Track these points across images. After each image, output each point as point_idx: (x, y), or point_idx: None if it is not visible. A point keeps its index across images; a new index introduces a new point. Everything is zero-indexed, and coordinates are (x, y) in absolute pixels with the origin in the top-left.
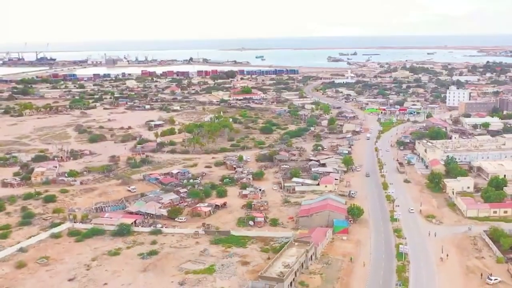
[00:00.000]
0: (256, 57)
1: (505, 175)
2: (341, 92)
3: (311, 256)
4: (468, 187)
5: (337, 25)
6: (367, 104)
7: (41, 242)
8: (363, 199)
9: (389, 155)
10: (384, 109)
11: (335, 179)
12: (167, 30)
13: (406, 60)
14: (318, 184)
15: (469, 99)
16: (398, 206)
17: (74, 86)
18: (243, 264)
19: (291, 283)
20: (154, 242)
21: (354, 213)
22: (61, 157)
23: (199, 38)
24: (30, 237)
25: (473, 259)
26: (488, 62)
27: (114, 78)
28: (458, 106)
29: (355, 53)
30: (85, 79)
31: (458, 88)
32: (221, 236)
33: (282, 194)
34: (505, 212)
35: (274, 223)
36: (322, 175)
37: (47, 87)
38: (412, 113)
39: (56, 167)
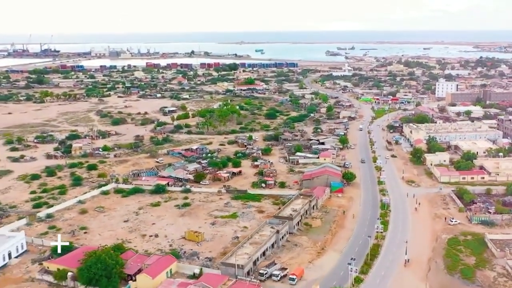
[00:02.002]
0: (256, 51)
1: (477, 152)
2: (339, 84)
3: (313, 206)
4: (445, 160)
5: (335, 20)
6: (362, 94)
7: (94, 197)
8: (355, 168)
9: (380, 136)
10: (377, 99)
11: (332, 153)
12: (165, 23)
13: (402, 55)
14: (318, 158)
15: (456, 91)
16: (384, 171)
17: (85, 76)
18: (259, 212)
19: (298, 222)
20: (186, 198)
21: (348, 177)
22: (91, 136)
23: (197, 31)
24: (85, 193)
25: (441, 209)
26: (481, 57)
27: (121, 70)
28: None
29: (352, 48)
30: (92, 70)
31: (447, 81)
32: (239, 194)
33: (288, 165)
34: (472, 178)
35: (282, 185)
36: (322, 150)
37: (58, 77)
38: (403, 103)
39: (89, 143)
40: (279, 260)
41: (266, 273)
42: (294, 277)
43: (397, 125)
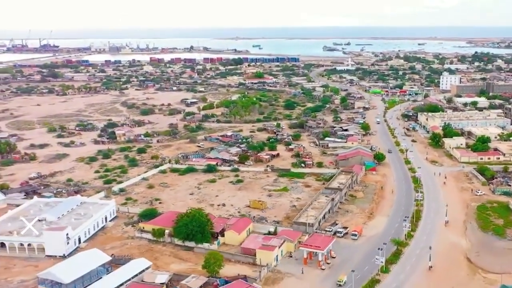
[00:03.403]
0: (253, 46)
1: (489, 137)
2: (344, 77)
3: (354, 181)
4: (461, 144)
5: (329, 16)
6: (369, 87)
7: (154, 175)
8: (382, 152)
9: (396, 124)
10: (387, 91)
11: (358, 138)
12: (159, 19)
13: (399, 50)
14: (346, 142)
15: (460, 83)
16: (412, 151)
17: (95, 70)
18: (306, 186)
19: (345, 193)
20: (236, 176)
21: (379, 158)
22: (128, 124)
23: (192, 27)
24: (145, 172)
25: (466, 183)
26: (476, 52)
27: (127, 64)
28: (450, 89)
29: (348, 43)
30: (99, 65)
31: (450, 74)
32: (283, 172)
33: (319, 148)
34: (489, 158)
35: (320, 165)
36: (347, 136)
37: (69, 71)
38: (411, 94)
39: (130, 131)
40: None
41: (331, 231)
42: (356, 233)
43: (411, 114)
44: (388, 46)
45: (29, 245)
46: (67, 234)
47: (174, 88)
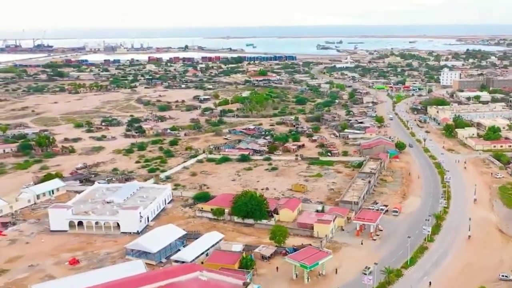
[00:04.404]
0: (247, 45)
1: (499, 127)
2: (346, 74)
3: (383, 167)
4: (473, 134)
5: (318, 14)
6: (372, 84)
7: (193, 164)
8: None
9: (407, 117)
10: (391, 87)
11: (375, 130)
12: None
13: (392, 48)
14: (365, 133)
15: (460, 79)
16: (431, 140)
17: (98, 70)
18: (338, 172)
19: (377, 177)
20: (270, 164)
21: (400, 146)
22: (152, 119)
23: (182, 26)
24: (184, 161)
25: (484, 168)
26: (468, 50)
27: (128, 63)
28: (451, 84)
29: (340, 42)
30: (100, 64)
31: (450, 70)
32: (313, 160)
33: (340, 139)
34: (501, 146)
35: (345, 154)
36: (366, 128)
37: (73, 71)
38: (414, 90)
39: (156, 125)
40: None
41: (373, 208)
42: (397, 210)
43: (419, 108)
44: (379, 44)
45: (105, 223)
46: (140, 213)
47: (183, 86)
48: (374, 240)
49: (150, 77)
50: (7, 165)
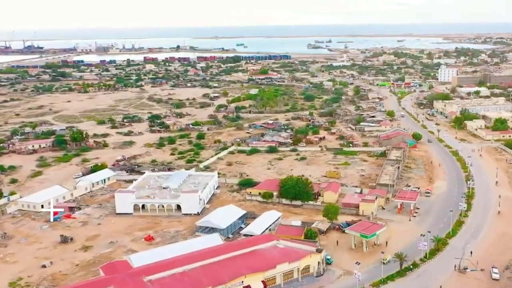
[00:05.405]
0: (237, 45)
1: (505, 118)
2: (345, 72)
3: (405, 155)
4: (481, 125)
5: (300, 13)
6: (372, 81)
7: (225, 156)
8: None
9: (414, 111)
10: (393, 83)
11: (389, 123)
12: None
13: (382, 47)
14: (380, 126)
15: (457, 75)
16: (446, 131)
17: (98, 70)
18: (363, 161)
19: (401, 163)
20: (298, 154)
21: (417, 137)
22: (171, 115)
23: (168, 26)
24: (217, 153)
25: (497, 155)
26: (456, 48)
27: (126, 64)
28: (449, 80)
29: (330, 41)
30: (97, 64)
31: (448, 67)
32: (338, 151)
33: (356, 132)
34: (509, 136)
35: (365, 144)
36: (380, 121)
37: (73, 71)
38: (415, 86)
39: (179, 121)
40: None
41: (408, 190)
42: (429, 191)
43: (424, 102)
44: (368, 43)
45: (167, 206)
46: (199, 196)
47: (188, 84)
48: (414, 216)
49: (154, 76)
50: (48, 159)
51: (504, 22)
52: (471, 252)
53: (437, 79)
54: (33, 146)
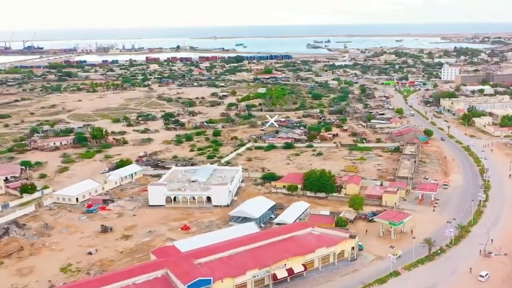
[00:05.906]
0: (237, 45)
1: (511, 115)
2: (348, 71)
3: (419, 149)
4: (489, 122)
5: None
6: (377, 80)
7: (244, 152)
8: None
9: (421, 108)
10: (398, 82)
11: (399, 120)
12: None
13: (381, 47)
14: (390, 123)
15: (459, 74)
16: (456, 127)
17: (103, 70)
18: (379, 156)
19: (417, 158)
20: (314, 150)
21: (428, 133)
22: (184, 114)
23: (167, 27)
24: (235, 149)
25: (507, 150)
26: (455, 47)
27: (128, 64)
28: (452, 79)
29: (328, 41)
30: (100, 64)
31: (451, 66)
32: (353, 147)
33: (368, 129)
34: None
35: (378, 141)
36: (390, 118)
37: (78, 71)
38: (420, 85)
39: (193, 119)
40: None
41: (427, 182)
42: (446, 183)
43: (430, 100)
44: (367, 43)
45: (198, 198)
46: (228, 189)
47: (195, 84)
48: (435, 207)
49: (160, 76)
50: (71, 155)
51: (502, 22)
52: (492, 240)
53: (440, 78)
54: (54, 143)
